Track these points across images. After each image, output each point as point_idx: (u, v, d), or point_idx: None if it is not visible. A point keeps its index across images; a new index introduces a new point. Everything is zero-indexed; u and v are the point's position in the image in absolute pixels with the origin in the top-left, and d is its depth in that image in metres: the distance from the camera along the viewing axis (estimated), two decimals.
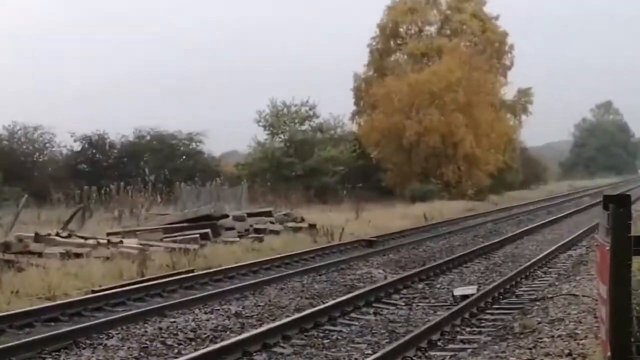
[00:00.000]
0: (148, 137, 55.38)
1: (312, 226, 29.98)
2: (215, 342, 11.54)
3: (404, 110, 56.37)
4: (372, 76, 63.75)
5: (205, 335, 12.23)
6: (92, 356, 10.96)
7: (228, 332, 12.48)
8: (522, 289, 16.80)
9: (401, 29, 64.88)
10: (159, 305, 14.54)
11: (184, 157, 55.09)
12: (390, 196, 53.85)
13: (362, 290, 15.95)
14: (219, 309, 14.52)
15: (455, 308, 13.53)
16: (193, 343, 11.75)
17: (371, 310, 14.59)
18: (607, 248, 5.41)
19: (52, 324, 13.33)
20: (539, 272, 19.39)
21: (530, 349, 10.49)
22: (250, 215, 29.77)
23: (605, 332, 5.67)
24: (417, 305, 15.09)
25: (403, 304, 15.37)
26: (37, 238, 21.06)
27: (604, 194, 6.23)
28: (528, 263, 19.98)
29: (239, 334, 12.00)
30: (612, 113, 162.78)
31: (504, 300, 15.32)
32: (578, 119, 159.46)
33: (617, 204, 5.42)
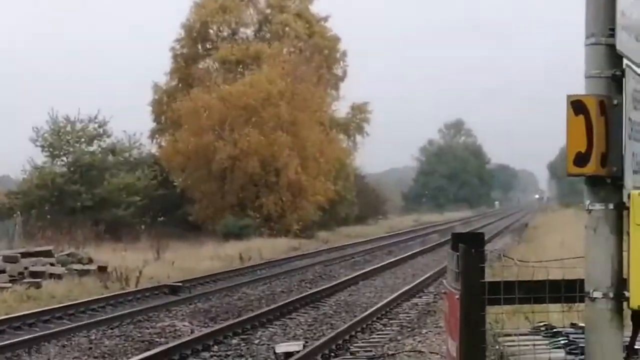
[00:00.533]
0: None
1: (102, 269, 29.51)
2: None
3: (215, 129, 56.34)
4: (176, 87, 63.37)
5: None
6: None
7: None
8: (357, 344, 17.09)
9: (211, 31, 64.87)
10: None
11: None
12: (198, 232, 53.64)
13: (163, 348, 15.86)
14: None
15: None
16: None
17: None
18: (457, 296, 5.62)
19: None
20: (377, 324, 19.77)
21: None
22: (25, 255, 29.01)
23: None
24: None
25: None
26: None
27: (452, 232, 6.47)
28: (365, 313, 20.34)
29: None
30: (464, 134, 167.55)
31: (336, 359, 15.55)
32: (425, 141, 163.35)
33: (468, 244, 5.65)
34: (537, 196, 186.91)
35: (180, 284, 27.50)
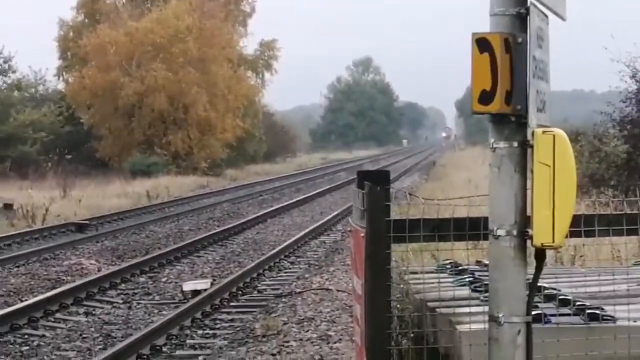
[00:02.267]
0: None
1: (7, 206, 29.24)
2: None
3: (122, 65, 55.71)
4: (83, 23, 62.35)
5: None
6: None
7: None
8: (265, 282, 17.18)
9: None
10: None
11: None
12: (106, 169, 53.21)
13: (70, 286, 15.81)
14: None
15: (184, 306, 13.62)
16: None
17: (81, 310, 14.49)
18: (362, 234, 5.61)
19: None
20: (285, 262, 19.89)
21: (274, 354, 10.76)
22: None
23: (361, 334, 5.88)
24: (139, 304, 15.08)
25: (121, 301, 15.33)
26: None
27: (358, 170, 6.46)
28: (272, 252, 20.43)
29: None
30: (373, 72, 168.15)
31: (244, 297, 15.61)
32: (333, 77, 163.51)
33: (374, 182, 5.63)
34: (444, 134, 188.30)
35: (87, 221, 27.34)
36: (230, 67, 61.56)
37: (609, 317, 5.80)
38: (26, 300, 14.68)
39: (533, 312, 5.07)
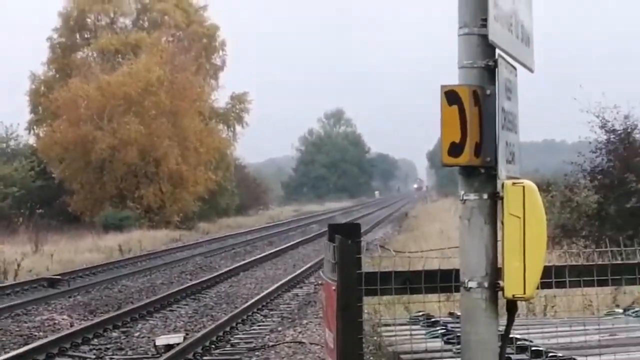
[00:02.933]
0: None
1: None
2: None
3: (94, 119, 55.63)
4: (54, 77, 62.41)
5: None
6: None
7: None
8: (238, 336, 17.06)
9: (89, 20, 64.09)
10: None
11: None
12: (78, 224, 52.93)
13: (41, 342, 15.62)
14: None
15: None
16: None
17: None
18: (334, 287, 5.60)
19: None
20: (258, 315, 19.78)
21: None
22: None
23: None
24: (111, 359, 14.95)
25: (93, 357, 15.20)
26: None
27: (329, 223, 6.45)
28: (245, 305, 20.32)
29: None
30: (344, 124, 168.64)
31: (217, 350, 15.49)
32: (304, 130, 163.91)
33: (345, 235, 5.63)
34: (415, 186, 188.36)
35: (59, 276, 27.11)
36: (201, 120, 61.64)
37: None
38: None
39: None
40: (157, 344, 15.58)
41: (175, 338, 15.84)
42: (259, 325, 18.43)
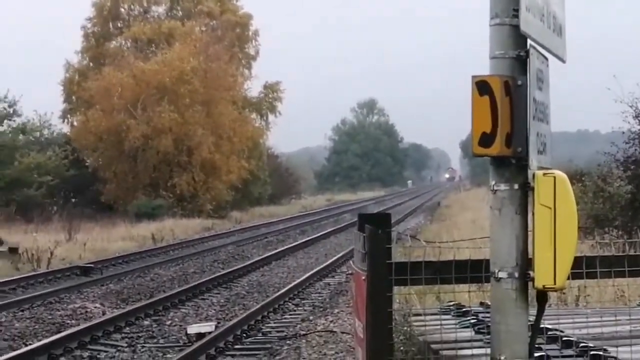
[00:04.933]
0: None
1: (12, 250, 29.15)
2: None
3: (128, 107, 55.86)
4: (88, 66, 62.68)
5: None
6: None
7: None
8: (270, 325, 17.11)
9: (123, 9, 64.30)
10: None
11: None
12: (111, 213, 53.19)
13: (74, 329, 15.73)
14: None
15: (188, 349, 13.57)
16: None
17: (86, 354, 14.39)
18: (364, 277, 5.61)
19: None
20: (290, 304, 19.82)
21: None
22: None
23: None
24: (143, 347, 15.00)
25: (125, 345, 15.25)
26: None
27: (359, 213, 6.46)
28: (277, 294, 20.37)
29: None
30: (377, 113, 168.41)
31: (248, 339, 15.54)
32: (338, 120, 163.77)
33: (375, 225, 5.63)
34: (447, 175, 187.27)
35: (92, 265, 27.27)
36: (235, 109, 61.70)
37: (612, 359, 5.78)
38: (30, 344, 14.61)
39: (536, 354, 5.06)
40: (188, 332, 15.64)
41: (206, 327, 15.91)
42: (291, 314, 18.47)
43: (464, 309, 7.70)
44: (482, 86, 4.78)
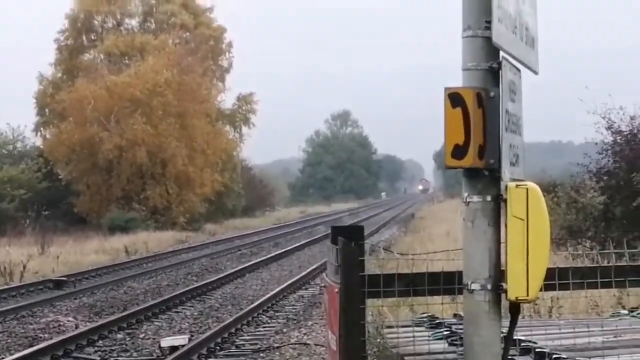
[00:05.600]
0: None
1: None
2: None
3: (101, 120, 55.63)
4: (62, 78, 62.46)
5: None
6: None
7: None
8: (243, 337, 17.07)
9: (96, 22, 64.15)
10: None
11: None
12: (84, 226, 52.96)
13: (47, 343, 15.65)
14: None
15: None
16: None
17: None
18: (337, 290, 5.60)
19: None
20: (263, 316, 19.79)
21: None
22: None
23: None
24: None
25: (98, 358, 15.21)
26: None
27: (331, 226, 6.45)
28: (251, 306, 20.34)
29: None
30: (351, 125, 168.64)
31: (222, 352, 15.50)
32: (311, 131, 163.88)
33: (348, 237, 5.62)
34: (420, 187, 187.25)
35: (65, 278, 27.13)
36: (208, 122, 61.64)
37: None
38: (3, 358, 14.50)
39: None
40: (162, 345, 15.60)
41: (180, 340, 15.86)
42: (264, 327, 18.43)
43: (437, 321, 7.69)
44: (454, 98, 4.78)
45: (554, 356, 6.07)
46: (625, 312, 8.96)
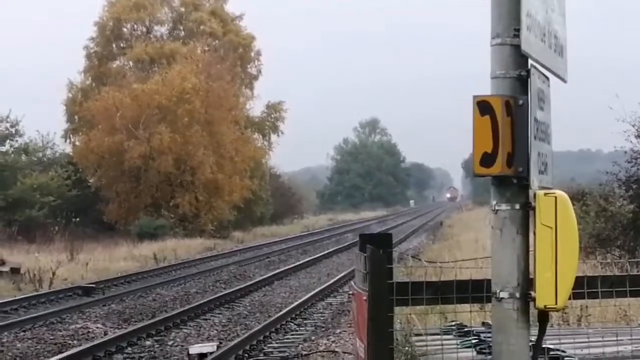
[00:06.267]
0: None
1: (14, 270, 29.15)
2: None
3: (129, 128, 55.79)
4: (91, 86, 62.76)
5: None
6: None
7: None
8: (272, 345, 17.08)
9: (125, 29, 64.44)
10: None
11: None
12: (113, 233, 53.16)
13: (75, 350, 15.72)
14: None
15: None
16: None
17: None
18: (365, 297, 5.60)
19: None
20: (292, 324, 19.79)
21: None
22: None
23: None
24: None
25: None
26: None
27: (360, 233, 6.46)
28: (279, 314, 20.35)
29: None
30: (379, 133, 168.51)
31: None
32: (340, 139, 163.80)
33: (376, 245, 5.63)
34: (448, 195, 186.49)
35: (93, 285, 27.23)
36: (237, 129, 61.74)
37: None
38: None
39: None
40: (190, 352, 15.61)
41: (208, 347, 15.88)
42: (293, 335, 18.44)
43: (466, 329, 7.68)
44: (483, 106, 4.79)
45: None
46: None
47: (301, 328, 19.38)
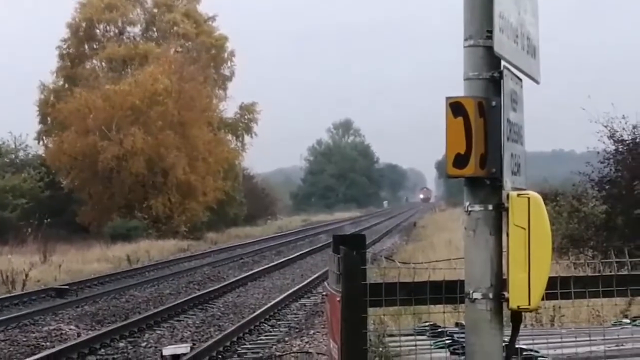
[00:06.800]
0: None
1: None
2: None
3: (101, 129, 55.51)
4: (63, 87, 62.43)
5: None
6: None
7: None
8: (245, 346, 17.06)
9: (97, 30, 64.12)
10: None
11: None
12: (86, 234, 52.95)
13: (49, 352, 15.65)
14: None
15: None
16: None
17: None
18: (338, 298, 5.60)
19: None
20: (265, 325, 19.77)
21: None
22: None
23: None
24: None
25: None
26: None
27: (333, 234, 6.46)
28: (253, 315, 20.32)
29: None
30: (353, 134, 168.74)
31: None
32: (313, 140, 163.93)
33: (350, 246, 5.63)
34: (421, 196, 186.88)
35: (67, 286, 27.14)
36: (210, 131, 61.61)
37: None
38: None
39: None
40: (164, 354, 15.58)
41: (182, 348, 15.85)
42: (266, 336, 18.42)
43: (439, 330, 7.69)
44: (456, 107, 4.79)
45: None
46: (628, 321, 8.95)
47: (275, 329, 19.36)
